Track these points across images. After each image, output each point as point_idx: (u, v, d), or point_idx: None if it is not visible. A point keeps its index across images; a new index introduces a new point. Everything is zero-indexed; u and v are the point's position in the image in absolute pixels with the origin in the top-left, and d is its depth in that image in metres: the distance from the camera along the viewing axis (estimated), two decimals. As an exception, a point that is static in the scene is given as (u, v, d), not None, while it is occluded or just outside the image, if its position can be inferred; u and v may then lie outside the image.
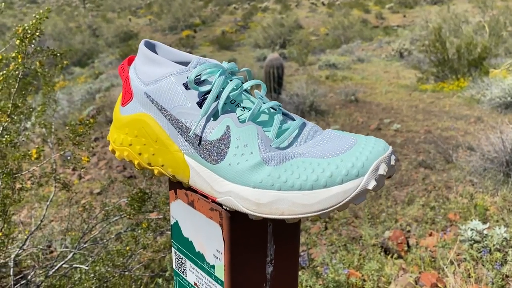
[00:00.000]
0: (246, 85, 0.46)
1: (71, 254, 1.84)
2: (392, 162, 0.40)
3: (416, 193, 3.04)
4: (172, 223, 0.52)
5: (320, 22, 17.28)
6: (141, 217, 1.76)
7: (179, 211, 0.50)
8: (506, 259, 2.04)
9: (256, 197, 0.40)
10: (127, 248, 1.49)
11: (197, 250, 0.49)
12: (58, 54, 1.29)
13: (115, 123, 0.51)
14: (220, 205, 0.44)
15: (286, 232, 0.49)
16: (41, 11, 1.21)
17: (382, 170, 0.39)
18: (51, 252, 2.51)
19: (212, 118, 0.44)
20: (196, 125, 0.43)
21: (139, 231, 1.52)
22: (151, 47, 0.51)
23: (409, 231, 2.53)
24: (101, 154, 4.30)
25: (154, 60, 0.47)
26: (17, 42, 1.18)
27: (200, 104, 0.44)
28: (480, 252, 2.12)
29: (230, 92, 0.44)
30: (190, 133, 0.44)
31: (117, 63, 10.97)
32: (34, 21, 1.24)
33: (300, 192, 0.39)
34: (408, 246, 2.35)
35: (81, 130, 1.30)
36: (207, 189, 0.44)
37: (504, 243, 2.13)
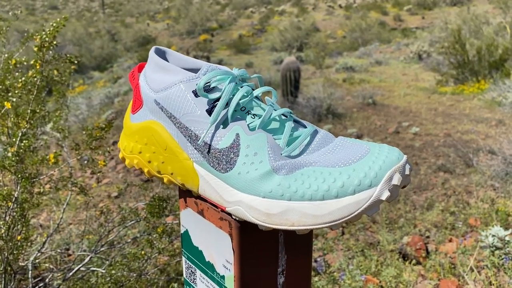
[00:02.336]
0: (257, 92, 0.45)
1: (89, 258, 1.86)
2: (407, 172, 0.39)
3: (435, 197, 2.99)
4: (182, 231, 0.51)
5: (337, 25, 17.20)
6: (157, 221, 1.76)
7: (189, 219, 0.49)
8: (529, 267, 1.98)
9: (266, 207, 0.39)
10: (142, 252, 1.49)
11: (207, 260, 0.48)
12: (76, 62, 1.31)
13: (125, 130, 0.51)
14: (230, 214, 0.43)
15: (298, 241, 0.47)
16: (58, 19, 1.22)
17: (396, 180, 0.37)
18: (69, 255, 2.54)
19: (221, 126, 0.43)
20: (205, 133, 0.43)
21: (155, 236, 1.52)
22: (162, 54, 0.51)
23: (428, 237, 2.49)
24: (119, 158, 4.35)
25: (163, 67, 0.47)
26: (35, 49, 1.20)
27: (209, 112, 0.44)
28: (502, 259, 2.06)
29: (240, 99, 0.44)
30: (199, 141, 0.43)
31: (135, 68, 11.08)
32: (51, 29, 1.26)
33: (310, 203, 0.38)
34: (427, 252, 2.30)
35: (98, 134, 1.31)
36: (216, 198, 0.43)
37: (527, 250, 2.07)
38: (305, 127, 0.45)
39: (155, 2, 33.20)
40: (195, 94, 0.44)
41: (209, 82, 0.44)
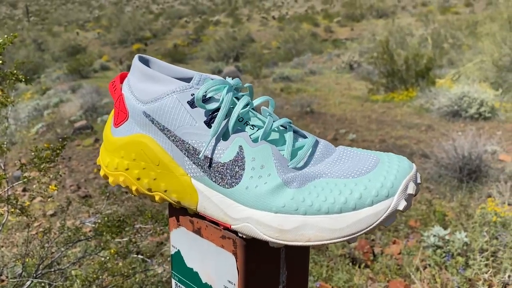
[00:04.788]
0: (257, 102, 0.43)
1: (29, 282, 1.72)
2: (419, 180, 0.38)
3: (377, 201, 3.10)
4: (172, 252, 0.48)
5: (272, 36, 17.52)
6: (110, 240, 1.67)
7: (182, 239, 0.46)
8: (468, 263, 2.10)
9: (279, 223, 0.37)
10: (95, 275, 1.40)
11: (204, 281, 0.45)
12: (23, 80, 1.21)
13: (107, 145, 0.46)
14: (235, 232, 0.40)
15: (297, 256, 0.46)
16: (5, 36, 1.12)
17: (411, 189, 0.37)
18: (2, 280, 2.34)
19: (222, 138, 0.41)
20: (206, 146, 0.40)
21: (107, 257, 1.44)
22: (145, 63, 0.47)
23: (373, 240, 2.56)
24: (53, 173, 4.10)
25: (152, 77, 0.43)
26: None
27: (208, 123, 0.41)
28: (444, 257, 2.17)
29: (240, 110, 0.41)
30: (200, 155, 0.40)
31: (65, 78, 10.61)
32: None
33: (327, 216, 0.36)
34: (374, 255, 2.37)
35: (47, 156, 1.22)
36: (219, 215, 0.40)
37: (465, 247, 2.19)
38: (305, 137, 0.43)
39: (84, 10, 32.03)
40: (191, 105, 0.41)
41: (205, 92, 0.42)
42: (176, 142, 0.41)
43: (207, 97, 0.42)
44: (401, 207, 0.37)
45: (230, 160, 0.40)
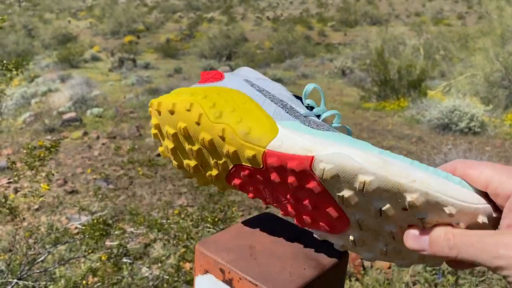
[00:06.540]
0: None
1: (14, 282, 1.67)
2: None
3: (367, 213, 3.09)
4: (195, 298, 0.44)
5: (265, 36, 17.50)
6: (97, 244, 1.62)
7: (208, 287, 0.43)
8: (458, 282, 2.10)
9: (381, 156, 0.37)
10: (85, 282, 1.36)
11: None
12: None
13: (179, 91, 0.43)
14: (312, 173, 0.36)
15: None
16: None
17: None
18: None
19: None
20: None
21: (97, 262, 1.40)
22: None
23: (363, 253, 2.56)
24: (40, 166, 4.02)
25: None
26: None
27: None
28: (434, 274, 2.17)
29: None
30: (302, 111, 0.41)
31: (54, 66, 10.45)
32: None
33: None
34: (364, 269, 2.37)
35: (41, 155, 1.17)
36: (300, 151, 0.36)
37: (456, 266, 2.20)
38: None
39: (77, -2, 31.63)
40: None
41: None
42: (273, 99, 0.42)
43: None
44: None
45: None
